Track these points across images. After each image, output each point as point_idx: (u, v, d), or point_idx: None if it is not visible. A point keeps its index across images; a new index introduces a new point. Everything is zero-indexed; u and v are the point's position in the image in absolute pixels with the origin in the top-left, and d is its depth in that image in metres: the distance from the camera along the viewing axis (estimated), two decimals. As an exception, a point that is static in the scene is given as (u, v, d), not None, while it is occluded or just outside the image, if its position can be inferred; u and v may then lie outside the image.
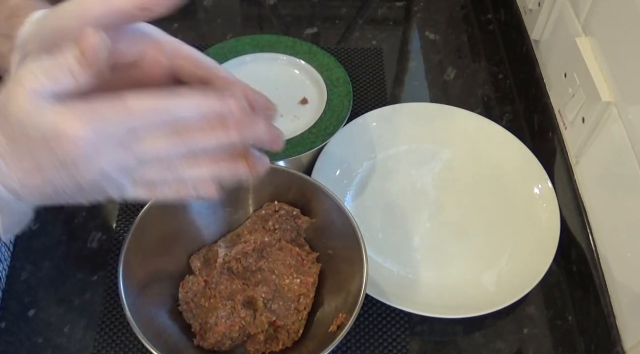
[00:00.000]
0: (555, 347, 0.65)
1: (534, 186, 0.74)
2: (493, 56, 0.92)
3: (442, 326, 0.66)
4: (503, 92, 0.88)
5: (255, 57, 0.83)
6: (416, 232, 0.72)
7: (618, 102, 0.61)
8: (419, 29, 0.96)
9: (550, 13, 0.77)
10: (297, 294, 0.62)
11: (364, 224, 0.69)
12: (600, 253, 0.64)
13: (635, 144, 0.58)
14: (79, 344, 0.64)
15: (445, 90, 0.88)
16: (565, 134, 0.73)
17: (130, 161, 0.37)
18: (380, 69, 0.89)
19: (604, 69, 0.64)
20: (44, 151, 0.35)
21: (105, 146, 0.35)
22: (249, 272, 0.63)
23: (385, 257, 0.70)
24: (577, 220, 0.68)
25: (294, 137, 0.74)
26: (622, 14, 0.61)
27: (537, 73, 0.80)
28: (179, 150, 0.38)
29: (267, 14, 0.97)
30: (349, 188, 0.76)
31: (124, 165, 0.37)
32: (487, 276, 0.69)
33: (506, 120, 0.84)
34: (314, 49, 0.83)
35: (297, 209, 0.66)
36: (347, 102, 0.77)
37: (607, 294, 0.62)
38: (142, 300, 0.57)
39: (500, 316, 0.67)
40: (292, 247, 0.64)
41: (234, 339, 0.59)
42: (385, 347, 0.64)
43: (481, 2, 0.99)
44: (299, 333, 0.61)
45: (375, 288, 0.65)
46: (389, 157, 0.79)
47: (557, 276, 0.70)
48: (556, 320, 0.67)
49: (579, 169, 0.70)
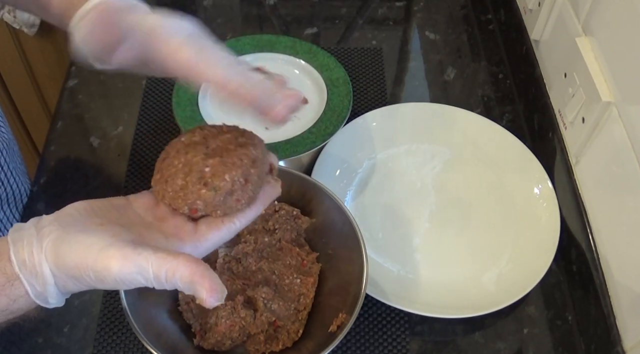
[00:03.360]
0: (555, 347, 0.65)
1: (534, 186, 0.74)
2: (493, 56, 0.92)
3: (442, 326, 0.66)
4: (503, 92, 0.88)
5: (255, 57, 0.83)
6: (416, 232, 0.72)
7: (618, 102, 0.61)
8: (419, 29, 0.96)
9: (550, 13, 0.77)
10: (297, 294, 0.62)
11: (364, 224, 0.69)
12: (600, 253, 0.64)
13: (635, 144, 0.58)
14: (79, 344, 0.64)
15: (445, 90, 0.88)
16: (565, 134, 0.73)
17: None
18: (380, 69, 0.89)
19: (604, 69, 0.64)
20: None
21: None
22: (249, 272, 0.63)
23: (385, 258, 0.70)
24: (577, 220, 0.68)
25: (294, 137, 0.74)
26: (622, 14, 0.61)
27: (537, 73, 0.80)
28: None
29: (267, 14, 0.97)
30: (349, 188, 0.76)
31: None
32: (487, 276, 0.69)
33: (506, 120, 0.84)
34: (314, 49, 0.83)
35: (297, 209, 0.66)
36: (347, 102, 0.77)
37: (607, 294, 0.62)
38: (142, 300, 0.57)
39: (500, 316, 0.67)
40: (292, 248, 0.64)
41: (234, 339, 0.59)
42: (385, 347, 0.64)
43: (481, 2, 0.99)
44: (299, 333, 0.61)
45: (375, 288, 0.65)
46: (389, 157, 0.79)
47: (557, 276, 0.70)
48: (556, 320, 0.67)
49: (579, 169, 0.70)
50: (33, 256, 0.39)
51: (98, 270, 0.38)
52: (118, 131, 0.81)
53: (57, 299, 0.41)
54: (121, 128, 0.82)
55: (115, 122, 0.82)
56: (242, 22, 0.97)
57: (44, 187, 0.76)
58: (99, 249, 0.39)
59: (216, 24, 0.95)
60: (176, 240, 0.44)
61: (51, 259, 0.39)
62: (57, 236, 0.40)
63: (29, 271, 0.39)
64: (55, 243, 0.39)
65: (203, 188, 0.44)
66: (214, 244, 0.45)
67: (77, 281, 0.40)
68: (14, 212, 0.72)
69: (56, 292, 0.40)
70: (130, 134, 0.81)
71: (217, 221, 0.45)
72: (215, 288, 0.38)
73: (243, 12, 0.98)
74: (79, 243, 0.39)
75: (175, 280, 0.39)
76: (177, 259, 0.39)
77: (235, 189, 0.45)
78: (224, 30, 0.94)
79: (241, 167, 0.45)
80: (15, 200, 0.72)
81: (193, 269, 0.39)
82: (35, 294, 0.40)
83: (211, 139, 0.47)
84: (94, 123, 0.83)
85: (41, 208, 0.74)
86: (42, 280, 0.39)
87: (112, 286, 0.39)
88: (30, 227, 0.41)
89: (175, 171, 0.46)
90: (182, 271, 0.38)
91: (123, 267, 0.38)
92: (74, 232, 0.40)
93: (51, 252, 0.39)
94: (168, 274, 0.38)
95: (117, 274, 0.38)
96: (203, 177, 0.44)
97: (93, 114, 0.84)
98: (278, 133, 0.74)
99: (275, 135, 0.74)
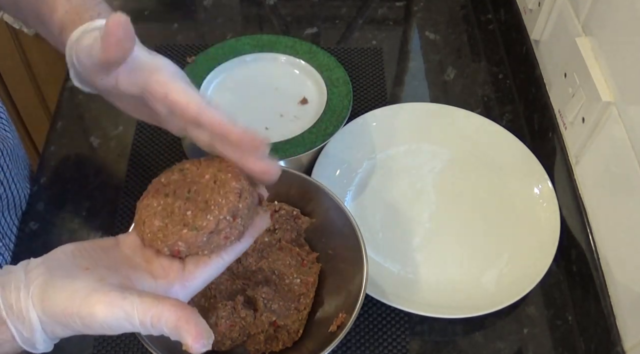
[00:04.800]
0: (555, 347, 0.65)
1: (534, 186, 0.74)
2: (493, 56, 0.92)
3: (442, 326, 0.66)
4: (503, 92, 0.88)
5: (255, 57, 0.83)
6: (416, 232, 0.72)
7: (618, 102, 0.61)
8: (419, 29, 0.96)
9: (550, 13, 0.77)
10: (297, 294, 0.62)
11: (364, 224, 0.69)
12: (600, 253, 0.64)
13: (635, 144, 0.58)
14: (79, 345, 0.64)
15: (445, 90, 0.88)
16: (565, 134, 0.73)
17: None
18: (380, 69, 0.89)
19: (604, 69, 0.64)
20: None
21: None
22: (249, 272, 0.63)
23: (385, 257, 0.70)
24: (577, 220, 0.68)
25: (294, 137, 0.74)
26: (622, 14, 0.61)
27: (537, 73, 0.80)
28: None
29: (267, 14, 0.97)
30: (349, 188, 0.76)
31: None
32: (487, 276, 0.69)
33: (506, 120, 0.84)
34: (314, 49, 0.83)
35: (297, 209, 0.66)
36: (347, 102, 0.77)
37: (607, 294, 0.62)
38: (142, 300, 0.57)
39: (500, 316, 0.67)
40: (292, 248, 0.64)
41: (234, 339, 0.59)
42: (385, 347, 0.64)
43: (481, 2, 0.99)
44: (299, 333, 0.61)
45: (375, 288, 0.65)
46: (389, 157, 0.79)
47: (557, 276, 0.70)
48: (556, 320, 0.67)
49: (579, 169, 0.70)
50: (20, 301, 0.39)
51: (83, 316, 0.38)
52: (118, 131, 0.81)
53: (44, 346, 0.40)
54: (121, 128, 0.82)
55: (115, 122, 0.82)
56: (242, 22, 0.96)
57: (44, 187, 0.76)
58: (85, 295, 0.38)
59: (216, 24, 0.95)
60: (164, 282, 0.43)
61: (38, 305, 0.39)
62: (44, 280, 0.39)
63: (16, 316, 0.39)
64: (41, 289, 0.39)
65: (184, 228, 0.43)
66: (203, 282, 0.44)
67: (64, 327, 0.39)
68: (13, 218, 0.72)
69: (44, 338, 0.39)
70: (130, 134, 0.81)
71: (205, 257, 0.44)
72: (200, 333, 0.38)
73: (243, 12, 0.98)
74: (64, 289, 0.39)
75: (161, 326, 0.38)
76: (162, 304, 0.38)
77: (222, 228, 0.43)
78: (224, 30, 0.94)
79: (226, 206, 0.43)
80: (15, 206, 0.72)
81: (178, 314, 0.38)
82: (22, 340, 0.39)
83: (191, 178, 0.46)
84: (94, 123, 0.83)
85: (41, 208, 0.74)
86: (29, 326, 0.39)
87: (99, 331, 0.39)
88: (19, 271, 0.40)
89: (153, 213, 0.45)
90: (167, 317, 0.38)
91: (109, 313, 0.38)
92: (61, 277, 0.39)
93: (38, 298, 0.39)
94: (153, 320, 0.38)
95: (102, 320, 0.38)
96: (184, 219, 0.43)
97: (93, 114, 0.84)
98: (278, 133, 0.74)
99: (275, 135, 0.74)
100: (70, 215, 0.73)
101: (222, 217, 0.43)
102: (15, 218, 0.72)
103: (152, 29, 0.94)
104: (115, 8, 0.47)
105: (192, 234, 0.43)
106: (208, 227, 0.43)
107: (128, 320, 0.38)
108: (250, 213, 0.45)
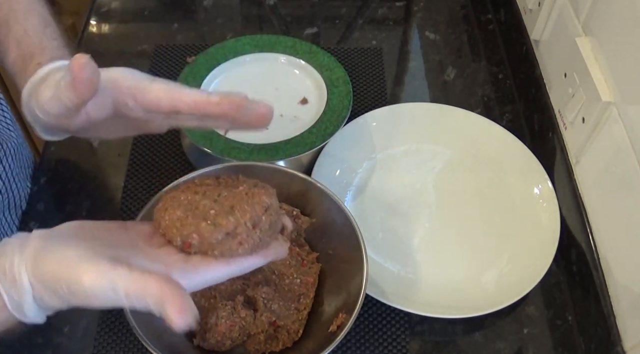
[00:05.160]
0: (555, 347, 0.65)
1: (534, 186, 0.74)
2: (493, 56, 0.92)
3: (442, 326, 0.66)
4: (503, 92, 0.88)
5: (255, 57, 0.83)
6: (416, 233, 0.72)
7: (618, 102, 0.61)
8: (419, 29, 0.96)
9: (550, 13, 0.77)
10: (297, 294, 0.62)
11: (364, 224, 0.69)
12: (600, 253, 0.64)
13: (635, 144, 0.58)
14: (79, 344, 0.64)
15: (445, 90, 0.88)
16: (565, 134, 0.73)
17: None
18: (380, 69, 0.89)
19: (604, 69, 0.64)
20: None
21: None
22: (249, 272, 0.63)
23: (385, 257, 0.70)
24: (577, 220, 0.68)
25: (294, 137, 0.74)
26: (622, 14, 0.61)
27: (537, 73, 0.80)
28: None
29: (267, 14, 0.97)
30: (349, 188, 0.76)
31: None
32: (487, 276, 0.69)
33: (506, 120, 0.84)
34: (314, 49, 0.83)
35: (297, 209, 0.66)
36: (347, 102, 0.77)
37: (607, 294, 0.62)
38: (142, 300, 0.57)
39: (500, 316, 0.67)
40: (292, 248, 0.64)
41: (234, 339, 0.59)
42: (385, 347, 0.64)
43: (481, 2, 0.99)
44: (299, 333, 0.61)
45: (375, 288, 0.65)
46: (389, 157, 0.79)
47: (557, 276, 0.70)
48: (556, 320, 0.67)
49: (579, 169, 0.70)
50: (14, 265, 0.39)
51: (71, 281, 0.38)
52: (118, 131, 0.81)
53: (35, 313, 0.40)
54: (121, 128, 0.82)
55: (115, 122, 0.82)
56: (242, 22, 0.97)
57: (44, 187, 0.76)
58: (76, 262, 0.38)
59: (216, 24, 0.95)
60: (161, 265, 0.42)
61: (30, 268, 0.39)
62: (39, 246, 0.39)
63: (9, 280, 0.39)
64: (35, 254, 0.39)
65: (202, 222, 0.43)
66: (203, 281, 0.43)
67: (52, 293, 0.39)
68: (13, 218, 0.72)
69: (33, 304, 0.39)
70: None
71: (212, 258, 0.43)
72: (185, 309, 0.37)
73: (243, 12, 0.98)
74: (56, 253, 0.39)
75: (145, 297, 0.37)
76: (149, 276, 0.38)
77: (239, 232, 0.43)
78: (224, 30, 0.94)
79: (249, 213, 0.44)
80: (16, 206, 0.72)
81: (163, 287, 0.37)
82: (13, 306, 0.39)
83: (224, 186, 0.47)
84: (94, 123, 0.83)
85: (41, 208, 0.74)
86: (20, 289, 0.39)
87: (84, 299, 0.38)
88: (16, 239, 0.40)
89: (177, 204, 0.45)
90: (151, 289, 0.37)
91: (95, 280, 0.37)
92: (56, 245, 0.40)
93: (30, 262, 0.39)
94: (138, 292, 0.37)
95: (88, 287, 0.38)
96: (205, 215, 0.43)
97: (93, 114, 0.84)
98: (278, 133, 0.74)
99: (275, 135, 0.74)
100: (70, 215, 0.73)
101: (243, 221, 0.43)
102: (16, 218, 0.72)
103: (152, 29, 0.94)
104: (115, 8, 0.47)
105: (209, 228, 0.43)
106: (227, 226, 0.43)
107: (113, 289, 0.38)
108: (270, 232, 0.46)
